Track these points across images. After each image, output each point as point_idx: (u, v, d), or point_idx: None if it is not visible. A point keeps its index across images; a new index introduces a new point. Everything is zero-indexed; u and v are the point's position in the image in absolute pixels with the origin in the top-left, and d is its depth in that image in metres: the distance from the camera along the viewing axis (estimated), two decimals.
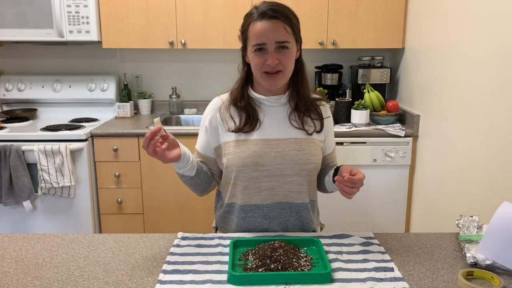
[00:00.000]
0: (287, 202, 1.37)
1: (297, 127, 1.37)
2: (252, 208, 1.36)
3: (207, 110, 1.43)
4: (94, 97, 3.03)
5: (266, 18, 1.26)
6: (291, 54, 1.31)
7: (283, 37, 1.27)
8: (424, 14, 2.48)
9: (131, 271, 1.09)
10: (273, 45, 1.27)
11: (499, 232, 1.08)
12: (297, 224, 1.39)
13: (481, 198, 1.85)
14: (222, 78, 3.18)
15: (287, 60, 1.30)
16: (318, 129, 1.39)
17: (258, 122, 1.36)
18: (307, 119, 1.38)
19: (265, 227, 1.37)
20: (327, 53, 3.10)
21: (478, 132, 1.88)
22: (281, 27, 1.27)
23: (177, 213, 2.70)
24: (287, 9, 1.31)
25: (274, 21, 1.26)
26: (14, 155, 2.46)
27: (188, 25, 2.76)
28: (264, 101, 1.38)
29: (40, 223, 2.62)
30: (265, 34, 1.26)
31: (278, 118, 1.38)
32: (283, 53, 1.29)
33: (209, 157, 1.42)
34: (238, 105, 1.38)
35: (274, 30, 1.26)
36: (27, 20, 2.67)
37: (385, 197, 2.64)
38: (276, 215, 1.37)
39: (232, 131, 1.36)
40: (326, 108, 1.45)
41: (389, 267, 1.11)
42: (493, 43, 1.77)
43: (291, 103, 1.39)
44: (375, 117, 2.69)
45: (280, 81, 1.32)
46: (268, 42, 1.27)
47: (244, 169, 1.32)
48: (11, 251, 1.20)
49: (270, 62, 1.27)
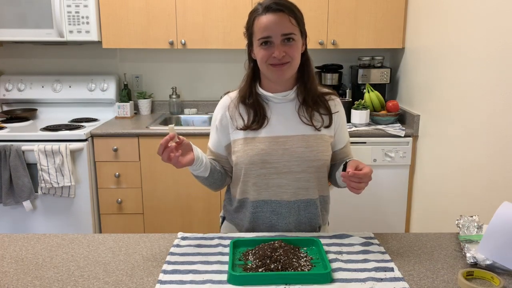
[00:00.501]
0: (296, 200, 1.37)
1: (306, 123, 1.36)
2: (261, 203, 1.38)
3: (217, 109, 1.44)
4: (94, 97, 3.03)
5: (270, 11, 1.28)
6: (297, 46, 1.31)
7: (288, 29, 1.28)
8: (424, 14, 2.48)
9: (131, 271, 1.09)
10: (279, 38, 1.28)
11: (499, 232, 1.08)
12: (305, 222, 1.40)
13: (481, 198, 1.85)
14: (222, 78, 3.18)
15: (293, 52, 1.30)
16: (327, 124, 1.39)
17: (266, 119, 1.37)
18: (315, 114, 1.38)
19: (273, 223, 1.38)
20: (327, 53, 3.10)
21: (478, 132, 1.88)
22: (286, 19, 1.28)
23: (177, 213, 2.70)
24: (291, 3, 1.32)
25: (279, 14, 1.28)
26: (14, 155, 2.46)
27: (188, 25, 2.76)
28: (272, 98, 1.38)
29: (40, 223, 2.62)
30: (270, 27, 1.27)
31: (286, 115, 1.38)
32: (289, 45, 1.29)
33: (220, 155, 1.44)
34: (246, 102, 1.39)
35: (279, 22, 1.27)
36: (27, 20, 2.67)
37: (385, 197, 2.64)
38: (285, 212, 1.37)
39: (241, 129, 1.37)
40: (335, 102, 1.44)
41: (389, 267, 1.10)
42: (493, 43, 1.77)
43: (299, 98, 1.39)
44: (375, 117, 2.69)
45: (287, 72, 1.32)
46: (274, 34, 1.28)
47: (252, 166, 1.33)
48: (11, 251, 1.20)
49: (277, 54, 1.27)
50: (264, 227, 1.39)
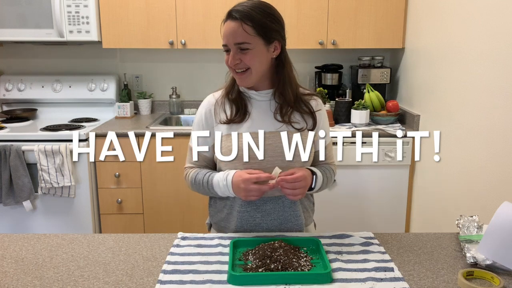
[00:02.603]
0: (280, 196, 1.37)
1: (282, 121, 1.38)
2: (245, 202, 1.37)
3: (200, 107, 1.45)
4: (94, 97, 3.03)
5: (230, 19, 1.31)
6: (253, 54, 1.31)
7: (240, 39, 1.29)
8: (424, 14, 2.48)
9: (131, 271, 1.09)
10: (233, 46, 1.31)
11: (499, 232, 1.08)
12: (290, 219, 1.39)
13: (481, 198, 1.85)
14: (222, 78, 3.13)
15: (249, 60, 1.31)
16: (310, 124, 1.40)
17: (247, 114, 1.39)
18: (295, 115, 1.39)
19: (258, 221, 1.38)
20: (327, 53, 3.10)
21: (478, 132, 1.88)
22: (240, 29, 1.29)
23: (177, 213, 2.70)
24: (255, 9, 1.30)
25: (233, 22, 1.30)
26: (14, 155, 2.46)
27: (188, 25, 2.76)
28: (253, 95, 1.41)
29: (40, 223, 2.62)
30: (226, 35, 1.31)
31: (267, 112, 1.40)
32: (244, 53, 1.31)
33: (207, 157, 1.43)
34: (229, 97, 1.41)
35: (233, 32, 1.30)
36: (27, 20, 2.67)
37: (385, 197, 2.64)
38: (269, 209, 1.37)
39: (224, 123, 1.38)
40: (317, 102, 1.45)
41: (389, 267, 1.11)
42: (493, 43, 1.77)
43: (276, 99, 1.40)
44: (375, 117, 2.69)
45: (248, 79, 1.35)
46: (229, 43, 1.31)
47: (236, 161, 1.33)
48: (11, 251, 1.20)
49: (230, 62, 1.32)
50: (248, 227, 1.38)
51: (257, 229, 1.38)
